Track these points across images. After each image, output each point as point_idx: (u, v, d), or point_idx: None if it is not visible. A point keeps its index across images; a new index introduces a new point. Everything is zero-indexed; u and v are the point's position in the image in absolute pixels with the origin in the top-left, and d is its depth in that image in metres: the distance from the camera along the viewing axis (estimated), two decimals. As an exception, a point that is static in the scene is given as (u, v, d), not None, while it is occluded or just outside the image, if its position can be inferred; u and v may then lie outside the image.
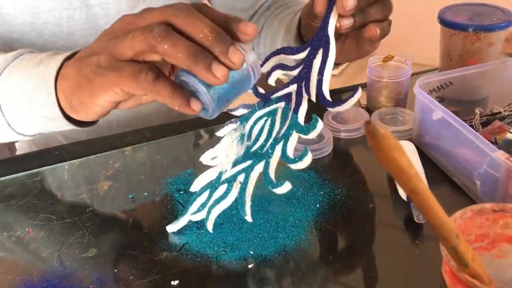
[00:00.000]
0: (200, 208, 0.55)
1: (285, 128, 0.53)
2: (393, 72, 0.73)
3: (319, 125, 0.51)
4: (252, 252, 0.53)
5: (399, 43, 1.29)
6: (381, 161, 0.31)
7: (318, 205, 0.58)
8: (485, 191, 0.55)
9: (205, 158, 0.59)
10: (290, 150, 0.52)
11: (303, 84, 0.54)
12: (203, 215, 0.55)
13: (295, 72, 0.55)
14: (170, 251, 0.53)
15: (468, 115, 0.66)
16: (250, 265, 0.51)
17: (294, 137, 0.52)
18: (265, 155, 0.54)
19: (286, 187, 0.51)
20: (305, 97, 0.54)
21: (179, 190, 0.62)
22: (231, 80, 0.46)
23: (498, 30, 0.70)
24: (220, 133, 0.59)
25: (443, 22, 0.72)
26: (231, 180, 0.54)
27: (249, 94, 0.57)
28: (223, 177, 0.55)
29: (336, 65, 0.58)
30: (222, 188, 0.55)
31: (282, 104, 0.55)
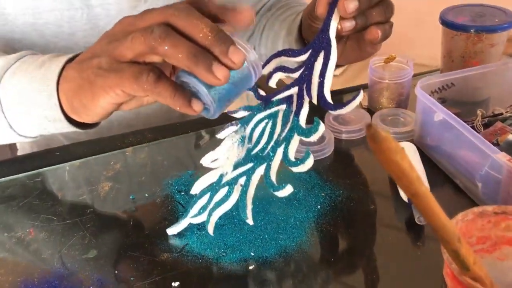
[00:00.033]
0: (200, 211, 0.55)
1: (286, 131, 0.53)
2: (394, 73, 0.73)
3: (320, 128, 0.51)
4: (253, 253, 0.53)
5: (401, 43, 1.29)
6: (383, 164, 0.31)
7: (319, 207, 0.58)
8: (486, 193, 0.55)
9: (206, 160, 0.58)
10: (291, 152, 0.52)
11: (305, 86, 0.54)
12: (203, 218, 0.55)
13: (296, 74, 0.55)
14: (171, 252, 0.53)
15: (469, 116, 0.66)
16: (251, 267, 0.51)
17: (296, 139, 0.52)
18: (266, 158, 0.53)
19: (287, 190, 0.51)
20: (307, 99, 0.53)
21: (180, 191, 0.62)
22: (232, 80, 0.46)
23: (500, 31, 0.70)
24: (220, 135, 0.58)
25: (444, 23, 0.72)
26: (232, 183, 0.54)
27: (250, 95, 0.57)
28: (224, 180, 0.55)
29: (337, 66, 0.58)
30: (223, 191, 0.54)
31: (283, 107, 0.55)
